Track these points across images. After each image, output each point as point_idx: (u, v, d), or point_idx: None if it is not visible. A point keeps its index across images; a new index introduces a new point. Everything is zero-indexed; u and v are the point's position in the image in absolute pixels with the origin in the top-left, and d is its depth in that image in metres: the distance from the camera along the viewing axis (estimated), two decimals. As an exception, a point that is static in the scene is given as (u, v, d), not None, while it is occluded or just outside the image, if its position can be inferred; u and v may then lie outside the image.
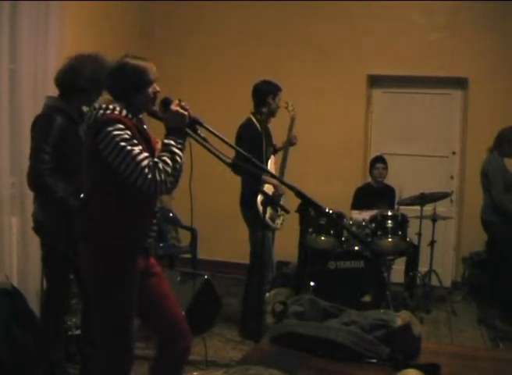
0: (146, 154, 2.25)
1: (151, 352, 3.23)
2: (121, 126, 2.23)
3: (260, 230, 3.96)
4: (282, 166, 4.41)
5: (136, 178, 2.22)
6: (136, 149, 2.23)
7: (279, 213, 4.28)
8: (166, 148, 2.30)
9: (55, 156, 2.87)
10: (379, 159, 5.41)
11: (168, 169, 2.26)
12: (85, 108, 3.08)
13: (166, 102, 2.37)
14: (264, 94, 4.25)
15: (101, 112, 2.27)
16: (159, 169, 2.24)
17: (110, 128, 2.21)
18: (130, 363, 2.41)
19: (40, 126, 2.93)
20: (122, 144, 2.21)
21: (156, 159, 2.26)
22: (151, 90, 2.36)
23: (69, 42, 4.36)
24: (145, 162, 2.22)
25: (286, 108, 4.53)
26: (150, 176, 2.21)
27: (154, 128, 2.67)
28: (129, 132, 2.24)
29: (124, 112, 2.29)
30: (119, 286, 2.32)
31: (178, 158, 2.30)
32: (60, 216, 2.90)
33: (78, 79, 2.92)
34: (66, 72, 2.95)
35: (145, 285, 2.42)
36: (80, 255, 2.38)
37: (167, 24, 6.25)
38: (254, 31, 6.07)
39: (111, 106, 2.28)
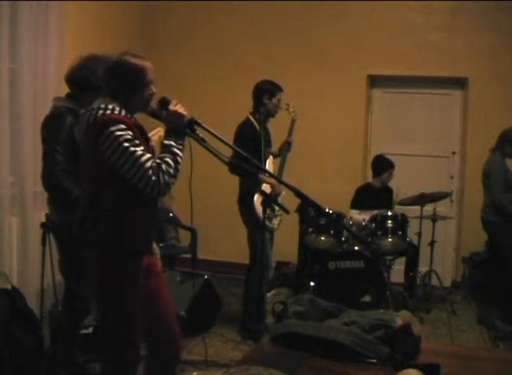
0: (149, 155, 2.22)
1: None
2: (123, 126, 2.19)
3: (258, 230, 3.96)
4: (280, 173, 4.31)
5: (140, 179, 2.19)
6: (139, 150, 2.19)
7: (276, 213, 4.27)
8: (167, 148, 2.28)
9: (66, 156, 2.89)
10: (391, 164, 5.30)
11: (171, 171, 2.24)
12: None
13: (164, 102, 2.34)
14: (261, 94, 4.23)
15: (101, 112, 2.21)
16: (162, 170, 2.21)
17: (112, 128, 2.17)
18: (135, 367, 2.37)
19: (51, 126, 2.95)
20: (126, 144, 2.17)
21: (158, 160, 2.23)
22: (147, 91, 2.32)
23: (69, 42, 4.36)
24: (148, 164, 2.19)
25: (287, 109, 4.50)
26: (154, 178, 2.19)
27: (156, 128, 2.67)
28: (131, 132, 2.20)
29: (123, 112, 2.25)
30: (124, 287, 2.29)
31: (179, 159, 2.28)
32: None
33: (92, 77, 2.93)
34: (80, 70, 2.98)
35: (143, 284, 2.38)
36: (86, 258, 2.34)
37: (167, 24, 6.25)
38: (254, 31, 6.08)
39: (110, 106, 2.23)
